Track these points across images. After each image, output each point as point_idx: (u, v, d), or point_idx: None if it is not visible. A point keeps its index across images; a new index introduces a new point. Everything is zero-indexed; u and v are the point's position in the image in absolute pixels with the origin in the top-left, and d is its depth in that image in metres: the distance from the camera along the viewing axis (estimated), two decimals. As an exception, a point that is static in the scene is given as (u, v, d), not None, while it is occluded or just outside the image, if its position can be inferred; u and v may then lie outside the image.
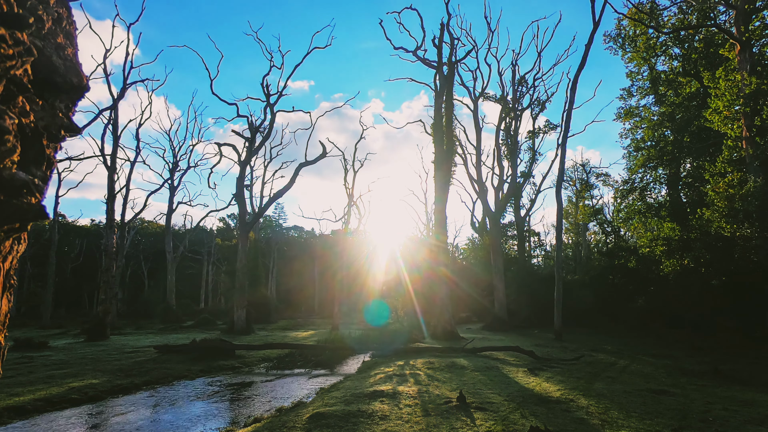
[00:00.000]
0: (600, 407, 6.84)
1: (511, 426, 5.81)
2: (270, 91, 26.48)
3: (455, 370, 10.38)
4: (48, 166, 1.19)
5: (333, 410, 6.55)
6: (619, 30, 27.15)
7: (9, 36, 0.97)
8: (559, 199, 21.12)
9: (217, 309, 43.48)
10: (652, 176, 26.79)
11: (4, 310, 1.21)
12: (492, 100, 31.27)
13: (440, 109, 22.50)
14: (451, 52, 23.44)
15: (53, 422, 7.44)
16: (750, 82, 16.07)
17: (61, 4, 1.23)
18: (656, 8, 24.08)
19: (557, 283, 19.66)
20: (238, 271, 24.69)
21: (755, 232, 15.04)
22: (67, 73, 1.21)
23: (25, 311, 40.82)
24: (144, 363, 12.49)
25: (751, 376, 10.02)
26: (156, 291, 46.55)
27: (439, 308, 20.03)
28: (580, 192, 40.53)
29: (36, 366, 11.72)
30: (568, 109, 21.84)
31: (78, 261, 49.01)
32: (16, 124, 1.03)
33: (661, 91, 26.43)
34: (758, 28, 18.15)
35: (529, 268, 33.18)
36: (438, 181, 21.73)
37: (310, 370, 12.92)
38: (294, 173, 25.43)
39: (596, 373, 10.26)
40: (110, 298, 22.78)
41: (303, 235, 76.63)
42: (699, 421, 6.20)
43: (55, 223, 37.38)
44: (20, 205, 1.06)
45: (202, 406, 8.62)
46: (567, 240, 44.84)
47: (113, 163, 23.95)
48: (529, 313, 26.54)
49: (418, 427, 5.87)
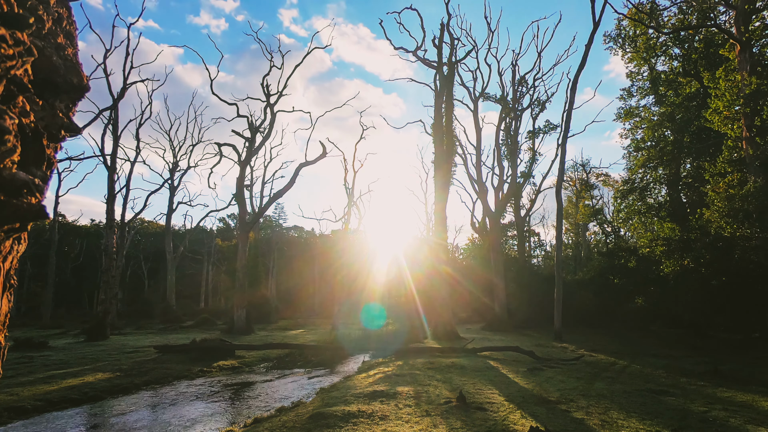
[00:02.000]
0: (600, 407, 6.84)
1: (511, 426, 5.81)
2: (270, 91, 26.49)
3: (455, 370, 10.37)
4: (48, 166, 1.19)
5: (333, 410, 6.55)
6: (619, 30, 27.15)
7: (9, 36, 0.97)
8: (559, 199, 21.12)
9: (217, 309, 43.44)
10: (652, 176, 26.80)
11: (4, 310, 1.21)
12: (492, 100, 31.25)
13: (440, 109, 22.50)
14: (451, 52, 23.45)
15: (53, 422, 7.44)
16: (750, 82, 16.07)
17: (61, 4, 1.23)
18: (656, 8, 24.08)
19: (557, 283, 19.66)
20: (238, 271, 24.69)
21: (755, 232, 15.04)
22: (68, 73, 1.21)
23: (25, 311, 40.81)
24: (144, 363, 12.49)
25: (751, 376, 10.01)
26: (156, 291, 46.54)
27: (439, 308, 20.04)
28: (580, 192, 40.54)
29: (36, 366, 11.73)
30: (568, 110, 21.85)
31: (78, 261, 49.00)
32: (16, 124, 1.03)
33: (661, 92, 26.43)
34: (758, 29, 18.15)
35: (529, 268, 33.17)
36: (438, 181, 21.73)
37: (310, 370, 12.92)
38: (294, 173, 25.44)
39: (596, 373, 10.26)
40: (110, 298, 22.78)
41: (303, 235, 76.64)
42: (699, 421, 6.20)
43: (55, 223, 37.38)
44: (20, 205, 1.06)
45: (202, 406, 8.62)
46: (567, 240, 44.85)
47: (113, 163, 23.94)
48: (530, 313, 26.55)
49: (418, 427, 5.87)
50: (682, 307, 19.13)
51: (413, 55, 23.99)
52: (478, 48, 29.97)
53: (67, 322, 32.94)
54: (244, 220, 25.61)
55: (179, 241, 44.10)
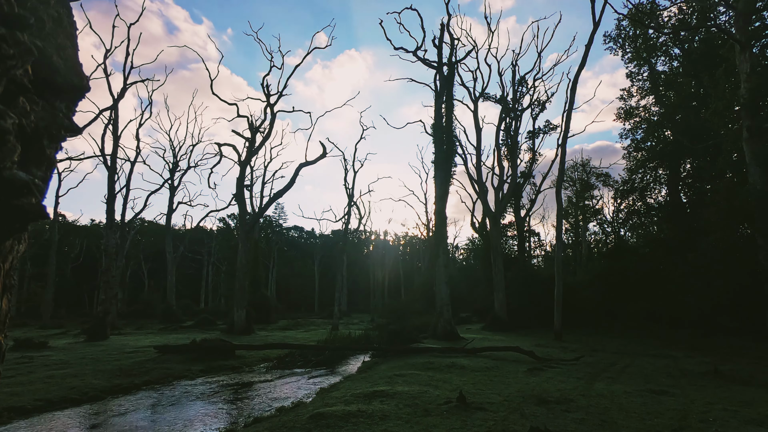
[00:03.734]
0: (600, 407, 6.84)
1: (511, 426, 5.81)
2: (270, 91, 26.49)
3: (455, 370, 10.37)
4: (48, 166, 1.19)
5: (333, 410, 6.55)
6: (619, 30, 27.15)
7: (9, 36, 0.97)
8: (559, 199, 21.12)
9: (217, 309, 43.45)
10: (652, 176, 26.80)
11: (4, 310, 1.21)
12: (492, 100, 31.24)
13: (440, 109, 22.49)
14: (451, 52, 23.44)
15: (53, 422, 7.44)
16: (750, 82, 16.07)
17: (61, 5, 1.23)
18: (656, 8, 24.08)
19: (557, 283, 19.66)
20: (238, 271, 24.68)
21: (755, 232, 15.03)
22: (68, 73, 1.21)
23: (25, 311, 40.81)
24: (144, 363, 12.48)
25: (751, 376, 10.01)
26: (156, 291, 46.58)
27: (439, 308, 20.04)
28: (580, 192, 40.53)
29: (36, 366, 11.72)
30: (568, 110, 21.85)
31: (78, 261, 49.02)
32: (16, 124, 1.03)
33: (661, 92, 26.44)
34: (758, 29, 18.16)
35: (529, 268, 33.15)
36: (438, 181, 21.73)
37: (310, 370, 12.92)
38: (294, 173, 25.44)
39: (596, 373, 10.26)
40: (110, 298, 22.77)
41: (303, 235, 76.65)
42: (699, 421, 6.19)
43: (55, 223, 37.37)
44: (20, 205, 1.06)
45: (202, 406, 8.61)
46: (567, 240, 44.83)
47: (113, 163, 23.93)
48: (529, 313, 26.52)
49: (418, 427, 5.87)
50: (683, 307, 19.14)
51: (413, 55, 23.99)
52: (478, 48, 30.02)
53: (67, 322, 32.95)
54: (244, 220, 25.60)
55: (179, 241, 44.10)
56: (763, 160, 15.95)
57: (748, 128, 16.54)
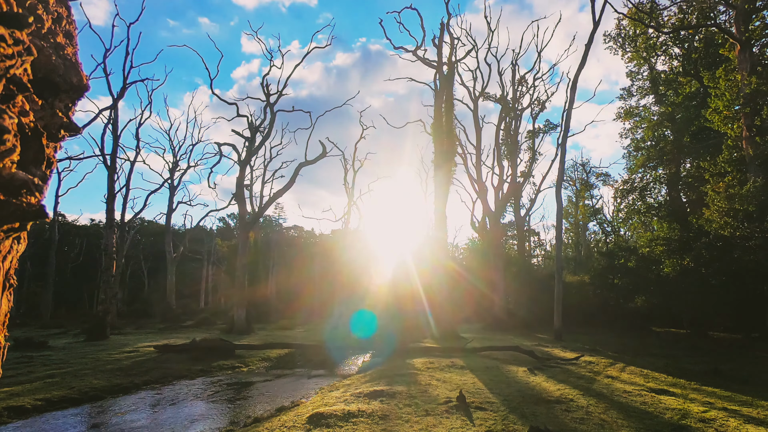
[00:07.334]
0: (600, 407, 6.84)
1: (510, 426, 5.81)
2: (270, 91, 26.48)
3: (455, 369, 10.37)
4: (48, 166, 1.19)
5: (333, 410, 6.55)
6: (619, 30, 27.16)
7: (8, 35, 0.96)
8: (559, 199, 21.11)
9: (217, 309, 43.42)
10: (652, 176, 26.81)
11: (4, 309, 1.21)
12: (492, 99, 31.25)
13: (440, 109, 22.49)
14: (451, 52, 23.44)
15: (53, 422, 7.44)
16: (750, 82, 16.06)
17: (61, 4, 1.22)
18: (656, 8, 24.07)
19: (557, 283, 19.65)
20: (238, 270, 24.68)
21: (755, 232, 15.03)
22: (67, 72, 1.21)
23: (25, 311, 40.77)
24: (144, 363, 12.49)
25: (751, 376, 10.02)
26: (156, 291, 46.50)
27: (439, 308, 20.04)
28: (580, 192, 40.54)
29: (36, 365, 11.72)
30: (567, 109, 21.83)
31: (78, 261, 48.96)
32: (15, 123, 1.03)
33: (661, 91, 26.44)
34: (758, 28, 18.15)
35: (529, 268, 33.16)
36: (438, 181, 21.73)
37: (310, 370, 12.92)
38: (294, 173, 25.43)
39: (596, 373, 10.27)
40: (110, 298, 22.76)
41: (303, 235, 76.64)
42: (699, 421, 6.20)
43: (55, 223, 37.37)
44: (20, 204, 1.05)
45: (202, 405, 8.61)
46: (567, 240, 44.85)
47: (113, 162, 23.92)
48: (529, 313, 26.53)
49: (418, 426, 5.87)
50: (682, 307, 19.14)
51: (413, 54, 23.99)
52: (478, 47, 29.93)
53: (67, 321, 32.94)
54: (244, 220, 25.60)
55: (179, 240, 44.08)
56: (763, 159, 15.95)
57: (748, 127, 16.54)
